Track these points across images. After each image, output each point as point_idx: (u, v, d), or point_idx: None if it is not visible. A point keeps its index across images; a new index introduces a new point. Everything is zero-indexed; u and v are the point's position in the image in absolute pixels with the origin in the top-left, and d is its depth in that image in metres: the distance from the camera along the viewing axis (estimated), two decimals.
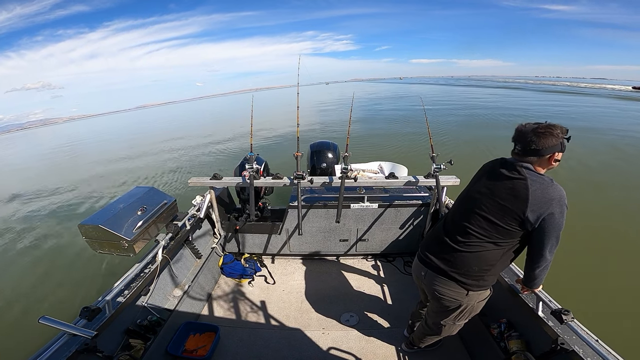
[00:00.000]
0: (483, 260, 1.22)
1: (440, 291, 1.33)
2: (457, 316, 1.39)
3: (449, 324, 1.46)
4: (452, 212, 1.38)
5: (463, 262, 1.25)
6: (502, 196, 1.16)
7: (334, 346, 1.99)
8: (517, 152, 1.19)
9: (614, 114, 15.80)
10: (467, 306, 1.34)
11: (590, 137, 9.39)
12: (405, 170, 2.92)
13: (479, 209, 1.22)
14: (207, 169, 8.85)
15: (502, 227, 1.16)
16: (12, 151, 28.86)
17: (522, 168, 1.16)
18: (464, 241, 1.24)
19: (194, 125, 24.14)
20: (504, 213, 1.15)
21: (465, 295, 1.29)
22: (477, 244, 1.22)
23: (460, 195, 1.38)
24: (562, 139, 1.12)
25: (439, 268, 1.32)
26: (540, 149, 1.12)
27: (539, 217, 1.10)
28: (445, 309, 1.39)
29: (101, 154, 15.50)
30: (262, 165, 2.67)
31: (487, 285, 1.30)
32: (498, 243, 1.19)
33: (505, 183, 1.17)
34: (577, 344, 1.25)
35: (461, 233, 1.26)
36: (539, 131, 1.11)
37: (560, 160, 1.16)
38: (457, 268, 1.27)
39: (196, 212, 2.43)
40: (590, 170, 6.55)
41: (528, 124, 1.17)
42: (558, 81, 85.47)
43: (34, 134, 79.28)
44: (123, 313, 1.60)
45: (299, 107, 2.51)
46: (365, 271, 2.70)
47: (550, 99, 24.42)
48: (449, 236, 1.31)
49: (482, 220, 1.20)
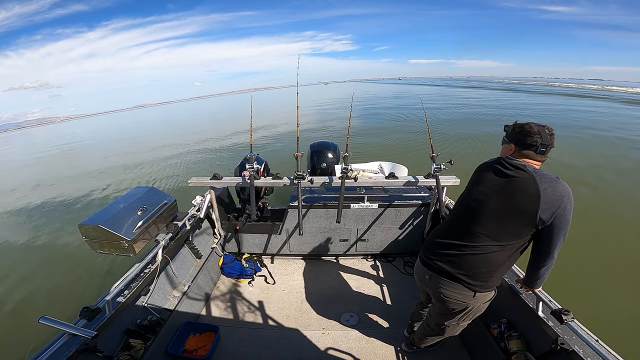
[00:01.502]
0: (491, 262, 1.21)
1: (446, 294, 1.31)
2: (462, 317, 1.39)
3: (452, 324, 1.45)
4: (454, 214, 1.37)
5: (471, 264, 1.23)
6: (511, 195, 1.15)
7: (334, 346, 1.99)
8: (516, 150, 1.21)
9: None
10: (473, 308, 1.33)
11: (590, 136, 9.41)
12: (405, 170, 2.92)
13: (485, 210, 1.20)
14: (207, 169, 8.84)
15: (511, 227, 1.15)
16: (10, 150, 28.83)
17: (525, 166, 1.16)
18: (470, 244, 1.23)
19: (193, 125, 24.12)
20: (514, 213, 1.13)
21: (473, 297, 1.28)
22: (484, 245, 1.20)
23: (461, 196, 1.37)
24: (552, 136, 1.17)
25: (444, 271, 1.30)
26: (537, 145, 1.15)
27: (552, 215, 1.09)
28: (451, 311, 1.37)
29: (100, 153, 15.47)
30: (262, 165, 2.67)
31: (494, 285, 1.30)
32: (505, 244, 1.18)
33: (511, 182, 1.16)
34: (577, 344, 1.25)
35: (467, 235, 1.24)
36: (534, 129, 1.16)
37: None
38: (465, 270, 1.25)
39: (196, 212, 2.43)
40: (590, 170, 6.56)
41: (529, 123, 1.19)
42: (556, 82, 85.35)
43: (31, 133, 79.03)
44: (123, 313, 1.60)
45: (299, 107, 2.51)
46: (365, 271, 2.70)
47: (550, 101, 24.29)
48: (453, 238, 1.29)
49: (489, 222, 1.18)
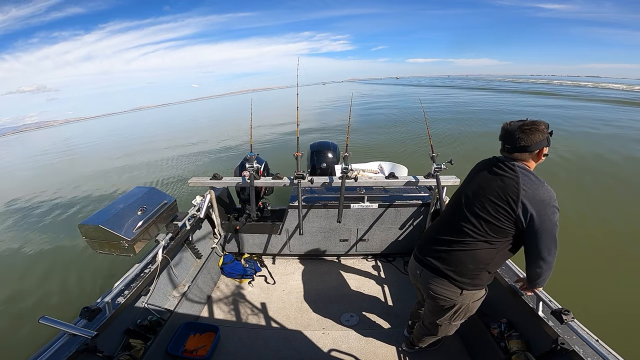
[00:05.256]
0: (478, 259, 1.23)
1: (435, 290, 1.34)
2: (453, 316, 1.40)
3: (444, 323, 1.46)
4: (446, 211, 1.39)
5: (458, 260, 1.26)
6: (494, 193, 1.17)
7: (334, 346, 1.99)
8: (506, 150, 1.22)
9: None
10: (462, 306, 1.35)
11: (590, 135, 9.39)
12: (405, 170, 2.92)
13: (472, 207, 1.23)
14: (206, 169, 8.84)
15: (496, 225, 1.17)
16: (9, 153, 28.83)
17: (514, 165, 1.18)
18: (459, 240, 1.25)
19: (192, 127, 24.08)
20: (497, 210, 1.16)
21: (460, 294, 1.30)
22: (471, 242, 1.22)
23: (454, 194, 1.39)
24: (547, 134, 1.17)
25: (434, 267, 1.33)
26: (529, 145, 1.15)
27: (530, 215, 1.10)
28: (441, 308, 1.39)
29: (99, 155, 15.49)
30: (262, 165, 2.67)
31: (481, 284, 1.31)
32: (492, 242, 1.20)
33: (496, 180, 1.19)
34: (577, 344, 1.25)
35: (456, 232, 1.27)
36: (526, 128, 1.15)
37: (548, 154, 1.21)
38: (452, 266, 1.27)
39: (196, 212, 2.43)
40: (590, 171, 6.56)
41: (513, 122, 1.21)
42: (554, 79, 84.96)
43: (30, 137, 78.95)
44: (123, 313, 1.60)
45: (298, 108, 2.51)
46: (365, 271, 2.70)
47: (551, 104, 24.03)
48: (443, 235, 1.32)
49: (476, 219, 1.21)
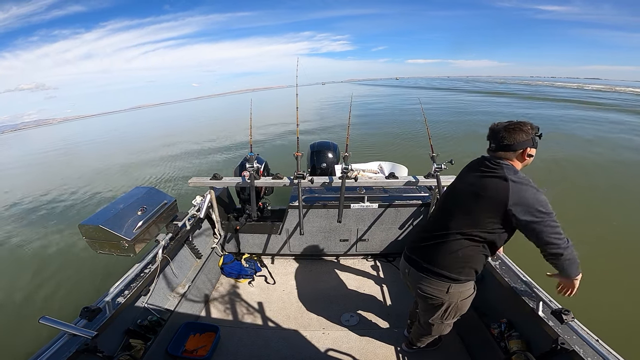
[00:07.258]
0: (462, 255, 1.24)
1: (423, 288, 1.35)
2: (443, 315, 1.41)
3: (437, 322, 1.47)
4: (435, 210, 1.42)
5: (443, 257, 1.28)
6: (481, 191, 1.19)
7: (334, 346, 1.99)
8: (492, 149, 1.25)
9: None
10: (451, 304, 1.36)
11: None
12: (405, 170, 2.91)
13: (459, 205, 1.25)
14: (206, 169, 8.83)
15: (481, 222, 1.18)
16: (8, 152, 28.82)
17: (500, 163, 1.20)
18: (444, 237, 1.27)
19: (192, 126, 24.07)
20: (483, 208, 1.17)
21: (446, 292, 1.30)
22: (456, 239, 1.24)
23: (443, 193, 1.42)
24: (533, 135, 1.18)
25: (421, 265, 1.34)
26: (512, 144, 1.17)
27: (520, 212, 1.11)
28: (431, 307, 1.41)
29: (99, 154, 15.46)
30: (262, 165, 2.67)
31: (467, 280, 1.31)
32: (476, 238, 1.21)
33: (484, 178, 1.21)
34: (578, 343, 1.25)
35: (441, 229, 1.29)
36: (510, 127, 1.18)
37: (534, 156, 1.22)
38: (437, 263, 1.29)
39: (196, 212, 2.43)
40: (590, 171, 6.56)
41: (500, 123, 1.23)
42: (554, 81, 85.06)
43: (28, 135, 78.84)
44: (123, 313, 1.60)
45: (298, 108, 2.51)
46: (365, 271, 2.70)
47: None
48: (430, 233, 1.34)
49: (462, 216, 1.23)
